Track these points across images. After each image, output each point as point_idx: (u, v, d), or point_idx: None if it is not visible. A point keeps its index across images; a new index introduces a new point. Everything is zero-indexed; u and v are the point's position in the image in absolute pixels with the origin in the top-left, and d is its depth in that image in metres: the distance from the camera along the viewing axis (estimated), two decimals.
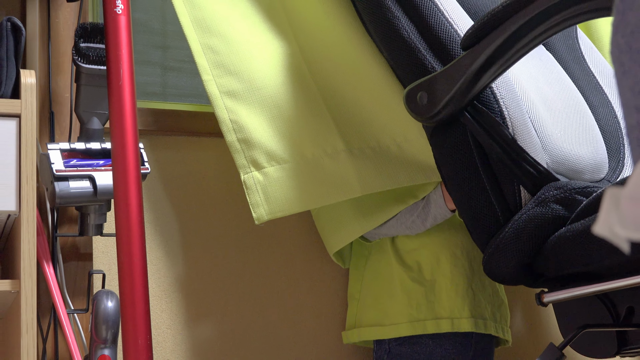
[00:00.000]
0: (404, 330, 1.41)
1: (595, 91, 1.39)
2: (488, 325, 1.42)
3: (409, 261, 1.44)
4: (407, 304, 1.42)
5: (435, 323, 1.40)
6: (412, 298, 1.42)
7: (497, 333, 1.44)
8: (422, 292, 1.42)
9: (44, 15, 1.49)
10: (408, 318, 1.42)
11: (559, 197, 1.08)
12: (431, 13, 1.20)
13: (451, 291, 1.40)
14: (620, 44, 0.47)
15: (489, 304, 1.44)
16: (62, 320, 1.29)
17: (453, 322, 1.39)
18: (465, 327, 1.38)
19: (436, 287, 1.42)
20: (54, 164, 1.27)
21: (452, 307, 1.40)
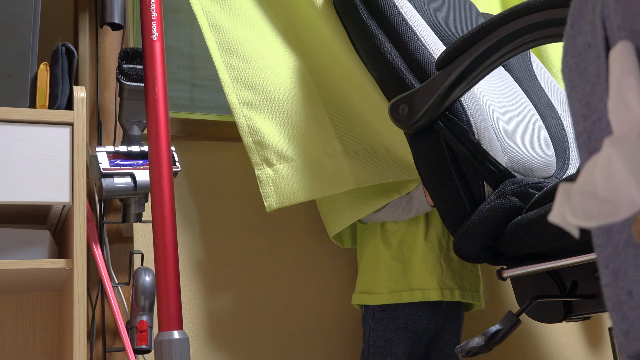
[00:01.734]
0: (385, 299, 1.42)
1: (545, 104, 1.39)
2: (455, 294, 1.40)
3: (392, 242, 1.44)
4: (388, 277, 1.42)
5: (410, 294, 1.39)
6: (392, 272, 1.42)
7: (464, 299, 1.43)
8: (401, 268, 1.42)
9: (93, 41, 1.48)
10: (388, 289, 1.42)
11: (515, 190, 1.09)
12: (411, 40, 1.20)
13: (423, 267, 1.40)
14: (570, 64, 0.48)
15: (457, 275, 1.42)
16: (108, 292, 1.28)
17: (424, 292, 1.38)
18: (434, 297, 1.37)
19: (411, 264, 1.41)
20: (101, 163, 1.27)
21: (423, 281, 1.39)
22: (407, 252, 1.43)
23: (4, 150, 1.09)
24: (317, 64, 1.42)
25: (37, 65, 1.18)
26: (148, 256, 1.44)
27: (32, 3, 1.16)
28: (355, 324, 1.62)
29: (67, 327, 1.17)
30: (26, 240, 1.13)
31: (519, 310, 1.13)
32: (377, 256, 1.46)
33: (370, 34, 1.25)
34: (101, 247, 1.38)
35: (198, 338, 1.47)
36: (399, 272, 1.42)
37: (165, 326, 1.13)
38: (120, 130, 1.46)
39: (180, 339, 1.12)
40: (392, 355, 1.40)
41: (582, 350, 1.84)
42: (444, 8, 1.39)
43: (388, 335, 1.41)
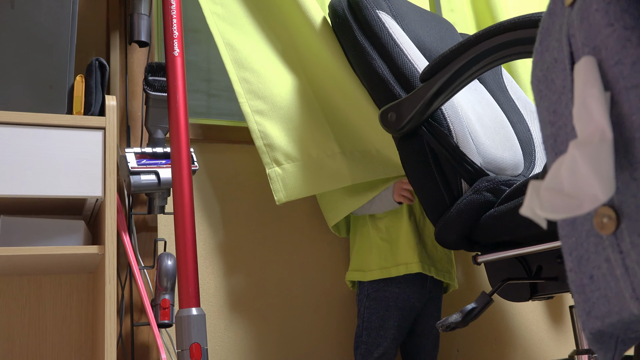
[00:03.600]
0: (376, 274, 1.42)
1: (514, 112, 1.38)
2: (431, 270, 1.41)
3: (380, 226, 1.44)
4: (378, 256, 1.43)
5: (396, 268, 1.39)
6: (381, 252, 1.43)
7: (438, 277, 1.43)
8: (388, 247, 1.42)
9: (123, 56, 1.48)
10: (378, 266, 1.42)
11: (489, 187, 1.09)
12: (398, 56, 1.21)
13: (406, 246, 1.40)
14: (539, 76, 0.47)
15: (431, 257, 1.43)
16: (135, 274, 1.28)
17: (407, 266, 1.38)
18: (415, 269, 1.37)
19: (397, 244, 1.41)
20: (130, 163, 1.27)
21: (406, 256, 1.39)
22: (394, 234, 1.43)
23: (46, 151, 1.09)
24: (316, 79, 1.43)
25: (74, 77, 1.17)
26: (170, 243, 1.44)
27: (70, 23, 1.16)
28: (348, 302, 1.62)
29: (99, 304, 1.17)
30: (64, 229, 1.13)
31: (491, 290, 1.13)
32: (368, 239, 1.46)
33: (363, 51, 1.25)
34: (129, 235, 1.38)
35: (214, 314, 1.47)
36: (387, 251, 1.42)
37: (184, 304, 1.13)
38: (146, 133, 1.46)
39: (198, 315, 1.12)
40: (384, 329, 1.40)
41: (545, 325, 1.84)
42: (427, 28, 1.39)
43: (381, 312, 1.41)
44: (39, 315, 1.29)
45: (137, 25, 1.43)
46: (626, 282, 0.37)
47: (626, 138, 0.37)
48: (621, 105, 0.38)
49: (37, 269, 1.22)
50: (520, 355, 1.78)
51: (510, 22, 0.94)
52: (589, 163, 0.36)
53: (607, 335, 0.42)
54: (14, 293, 1.28)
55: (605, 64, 0.39)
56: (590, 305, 0.41)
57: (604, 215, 0.39)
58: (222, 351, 1.46)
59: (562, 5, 0.46)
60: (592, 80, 0.39)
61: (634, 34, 0.37)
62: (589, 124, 0.38)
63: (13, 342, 1.26)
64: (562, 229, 0.45)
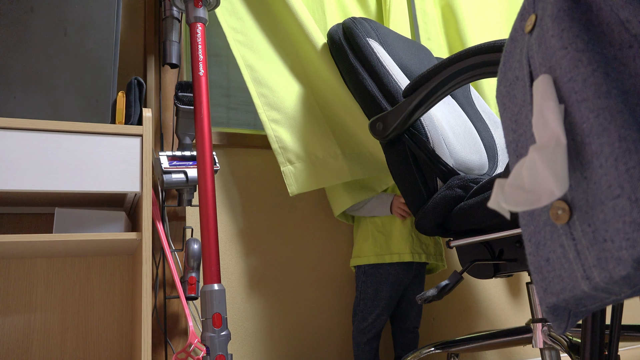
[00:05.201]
0: (372, 260, 1.42)
1: (480, 122, 1.37)
2: (422, 257, 1.41)
3: (377, 221, 1.44)
4: (374, 245, 1.43)
5: (390, 256, 1.40)
6: (377, 242, 1.42)
7: (429, 260, 1.42)
8: (383, 239, 1.42)
9: (157, 76, 1.48)
10: (374, 253, 1.42)
11: (459, 184, 1.08)
12: (384, 76, 1.20)
13: (399, 238, 1.40)
14: (503, 92, 0.47)
15: (424, 244, 1.43)
16: (167, 256, 1.28)
17: (400, 255, 1.39)
18: (407, 259, 1.38)
19: (391, 236, 1.41)
20: (163, 164, 1.27)
21: (399, 247, 1.39)
22: (389, 228, 1.43)
23: (94, 154, 1.09)
24: (319, 93, 1.43)
25: (117, 93, 1.17)
26: (196, 230, 1.44)
27: (113, 48, 1.15)
28: (346, 281, 1.61)
29: (137, 281, 1.16)
30: (109, 219, 1.13)
31: (462, 270, 1.13)
32: (367, 231, 1.46)
33: (355, 71, 1.25)
34: (162, 223, 1.38)
35: (233, 289, 1.47)
36: (383, 242, 1.42)
37: (208, 280, 1.12)
38: (176, 140, 1.46)
39: (219, 290, 1.12)
40: (377, 300, 1.40)
41: (506, 298, 1.84)
42: (409, 53, 1.39)
43: (375, 285, 1.41)
44: (87, 290, 1.28)
45: (169, 50, 1.43)
46: (578, 264, 0.37)
47: (578, 143, 0.37)
48: (573, 116, 0.37)
49: (86, 252, 1.22)
50: (484, 322, 1.77)
51: (477, 47, 0.93)
52: (546, 164, 0.36)
53: (561, 309, 0.41)
54: (67, 272, 1.27)
55: (559, 81, 0.38)
56: (546, 283, 0.41)
57: (558, 208, 0.38)
58: (239, 319, 1.45)
59: (523, 32, 0.45)
60: (549, 94, 0.38)
61: (585, 56, 0.37)
62: (546, 131, 0.37)
63: (66, 313, 1.25)
64: (523, 219, 0.44)
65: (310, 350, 1.51)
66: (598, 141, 0.34)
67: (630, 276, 0.32)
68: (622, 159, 0.32)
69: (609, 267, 0.33)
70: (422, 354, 1.19)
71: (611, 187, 0.33)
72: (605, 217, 0.33)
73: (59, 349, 1.22)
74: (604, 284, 0.34)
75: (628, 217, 0.31)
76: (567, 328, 0.42)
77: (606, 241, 0.33)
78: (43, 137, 1.06)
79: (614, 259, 0.33)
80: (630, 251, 0.31)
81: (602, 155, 0.34)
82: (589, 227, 0.35)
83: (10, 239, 1.01)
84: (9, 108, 1.06)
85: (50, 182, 1.04)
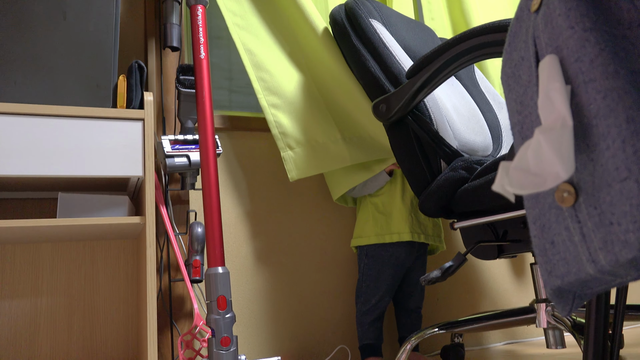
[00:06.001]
0: (373, 240, 1.42)
1: (484, 103, 1.36)
2: (421, 237, 1.41)
3: (378, 202, 1.43)
4: (374, 225, 1.43)
5: (390, 236, 1.39)
6: (377, 222, 1.42)
7: (427, 241, 1.42)
8: (384, 219, 1.42)
9: (158, 59, 1.47)
10: (375, 233, 1.42)
11: (463, 166, 1.08)
12: (388, 57, 1.19)
13: (399, 218, 1.39)
14: (508, 73, 0.46)
15: (423, 225, 1.42)
16: (171, 239, 1.28)
17: (400, 235, 1.38)
18: (406, 238, 1.38)
19: (392, 216, 1.41)
20: (165, 148, 1.27)
21: (399, 227, 1.39)
22: (389, 208, 1.42)
23: (96, 139, 1.09)
24: (319, 77, 1.42)
25: (118, 77, 1.16)
26: (200, 214, 1.44)
27: (113, 32, 1.14)
28: (347, 262, 1.62)
29: (142, 264, 1.17)
30: (112, 203, 1.13)
31: (466, 251, 1.13)
32: (367, 212, 1.46)
33: (358, 53, 1.24)
34: (166, 207, 1.38)
35: (237, 271, 1.47)
36: (383, 222, 1.42)
37: (212, 263, 1.13)
38: (178, 123, 1.46)
39: (223, 273, 1.12)
40: (379, 282, 1.41)
41: (509, 278, 1.84)
42: (412, 34, 1.37)
43: (377, 267, 1.41)
44: (92, 273, 1.29)
45: (169, 33, 1.41)
46: (583, 247, 0.36)
47: (584, 125, 0.36)
48: (580, 97, 0.36)
49: (90, 236, 1.22)
50: (488, 302, 1.78)
51: (482, 27, 0.92)
52: (552, 146, 0.35)
53: (565, 291, 0.41)
54: (72, 256, 1.28)
55: (566, 61, 0.38)
56: (551, 266, 0.40)
57: (564, 191, 0.38)
58: (244, 301, 1.46)
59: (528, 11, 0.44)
60: (555, 75, 0.37)
61: (592, 35, 0.36)
62: (552, 113, 0.36)
63: (72, 296, 1.26)
64: (527, 202, 0.44)
65: (315, 331, 1.52)
66: (605, 123, 0.34)
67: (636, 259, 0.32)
68: (630, 140, 0.32)
69: (615, 250, 0.33)
70: (426, 335, 1.19)
71: (618, 169, 0.32)
72: (612, 199, 0.33)
73: (66, 332, 1.24)
74: (610, 266, 0.34)
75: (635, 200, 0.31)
76: (571, 310, 0.42)
77: (612, 224, 0.33)
78: (44, 122, 1.05)
79: (621, 241, 0.32)
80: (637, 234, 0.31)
81: (609, 137, 0.33)
82: (595, 209, 0.35)
83: (15, 224, 1.01)
84: (10, 93, 1.05)
85: (52, 167, 1.04)
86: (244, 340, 1.43)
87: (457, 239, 1.79)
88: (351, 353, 1.54)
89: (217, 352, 1.07)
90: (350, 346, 1.54)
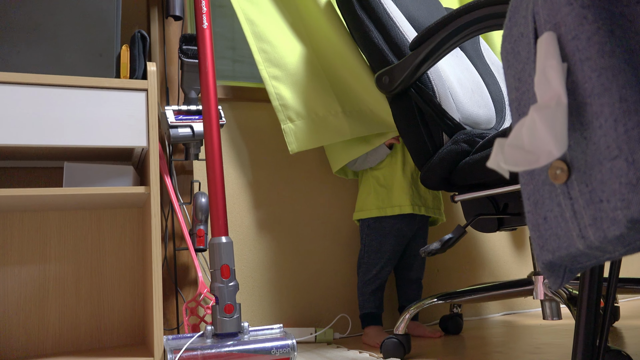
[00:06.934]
0: (374, 213, 1.43)
1: (489, 75, 1.35)
2: (422, 210, 1.42)
3: (379, 175, 1.44)
4: (376, 198, 1.43)
5: (391, 209, 1.40)
6: (379, 195, 1.43)
7: (427, 213, 1.43)
8: (385, 192, 1.42)
9: (161, 29, 1.46)
10: (376, 206, 1.43)
11: (465, 139, 1.08)
12: (392, 28, 1.18)
13: (400, 191, 1.40)
14: (508, 48, 0.46)
15: (423, 198, 1.43)
16: (175, 209, 1.30)
17: (401, 207, 1.39)
18: (407, 210, 1.39)
19: (392, 189, 1.41)
20: (169, 118, 1.27)
21: (399, 200, 1.40)
22: (390, 181, 1.43)
23: (100, 109, 1.09)
24: (321, 50, 1.41)
25: (120, 47, 1.16)
26: (203, 184, 1.45)
27: (116, 1, 1.13)
28: (352, 233, 1.63)
29: (147, 234, 1.18)
30: (117, 173, 1.14)
31: (466, 223, 1.14)
32: (369, 185, 1.47)
33: (362, 23, 1.22)
34: (170, 177, 1.39)
35: (240, 240, 1.49)
36: (384, 195, 1.43)
37: (216, 233, 1.14)
38: (182, 94, 1.45)
39: (227, 242, 1.14)
40: (381, 252, 1.42)
41: (509, 251, 1.86)
42: (417, 4, 1.35)
43: (379, 238, 1.43)
44: (99, 241, 1.31)
45: (172, 2, 1.40)
46: (574, 223, 0.37)
47: (579, 103, 0.36)
48: (576, 75, 0.36)
49: (96, 205, 1.24)
50: (488, 274, 1.80)
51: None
52: (546, 124, 0.35)
53: (556, 265, 0.41)
54: (79, 224, 1.30)
55: (563, 38, 0.38)
56: (543, 241, 0.41)
57: (557, 168, 0.38)
58: (247, 270, 1.48)
59: None
60: (552, 52, 0.38)
61: (590, 12, 0.36)
62: (547, 90, 0.37)
63: (79, 263, 1.28)
64: (522, 178, 0.44)
65: (316, 299, 1.55)
66: (599, 101, 0.34)
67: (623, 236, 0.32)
68: (621, 119, 0.32)
69: (604, 227, 0.33)
70: (425, 305, 1.21)
71: (609, 147, 0.33)
72: (603, 177, 0.34)
73: (74, 297, 1.26)
74: (599, 242, 0.34)
75: (624, 179, 0.31)
76: (562, 284, 0.43)
77: (602, 201, 0.34)
78: (48, 92, 1.05)
79: (609, 219, 0.33)
80: (625, 212, 0.31)
81: (602, 116, 0.34)
82: (587, 187, 0.35)
83: (22, 193, 1.02)
84: (14, 62, 1.05)
85: (57, 137, 1.05)
86: (246, 308, 1.46)
87: (458, 211, 1.80)
88: (352, 321, 1.56)
89: (221, 318, 1.10)
90: (351, 315, 1.57)
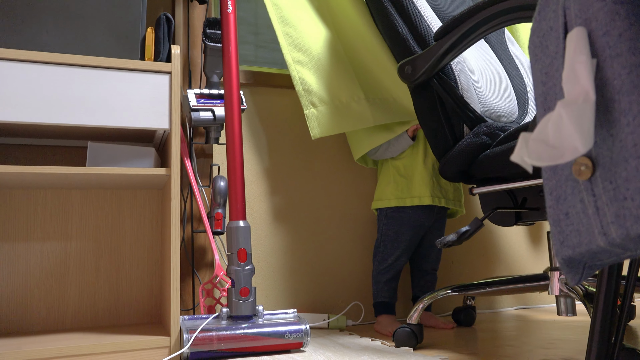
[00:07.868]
0: (393, 202, 1.43)
1: (512, 67, 1.33)
2: (442, 201, 1.41)
3: (399, 165, 1.43)
4: (395, 188, 1.43)
5: (410, 200, 1.40)
6: (398, 185, 1.43)
7: (448, 205, 1.43)
8: (405, 182, 1.42)
9: (186, 12, 1.46)
10: (395, 196, 1.43)
11: (486, 131, 1.07)
12: (416, 18, 1.17)
13: (420, 182, 1.40)
14: (536, 42, 0.46)
15: (444, 189, 1.43)
16: (195, 191, 1.31)
17: (420, 199, 1.39)
18: (427, 202, 1.39)
19: (413, 179, 1.41)
20: (191, 101, 1.28)
21: (420, 191, 1.40)
22: (410, 172, 1.43)
23: (125, 90, 1.10)
24: (345, 36, 1.40)
25: (146, 29, 1.17)
26: (223, 168, 1.46)
27: None
28: (368, 221, 1.63)
29: (166, 215, 1.20)
30: (139, 154, 1.15)
31: (483, 216, 1.13)
32: (389, 175, 1.47)
33: (387, 12, 1.22)
34: (190, 160, 1.40)
35: (257, 225, 1.50)
36: (404, 185, 1.43)
37: (234, 217, 1.15)
38: (204, 77, 1.46)
39: (244, 226, 1.15)
40: (397, 242, 1.43)
41: (525, 245, 1.85)
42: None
43: (396, 228, 1.43)
44: (119, 220, 1.33)
45: None
46: (596, 220, 0.37)
47: (607, 100, 0.36)
48: (605, 71, 0.36)
49: (118, 185, 1.26)
50: (503, 268, 1.80)
51: None
52: (572, 120, 0.35)
53: (576, 262, 0.41)
54: (100, 203, 1.32)
55: (594, 34, 0.37)
56: (564, 236, 0.41)
57: (581, 164, 0.38)
58: (263, 255, 1.50)
59: None
60: (582, 48, 0.37)
61: (623, 8, 0.35)
62: (575, 86, 0.36)
63: (100, 241, 1.31)
64: (545, 173, 0.44)
65: (330, 286, 1.56)
66: (627, 99, 0.34)
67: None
68: None
69: (627, 225, 0.33)
70: (439, 295, 1.22)
71: (636, 145, 0.33)
72: (628, 175, 0.33)
73: (93, 274, 1.29)
74: (620, 240, 0.34)
75: None
76: (581, 280, 0.43)
77: (626, 199, 0.34)
78: (74, 72, 1.07)
79: (633, 216, 0.33)
80: None
81: (630, 113, 0.33)
82: (611, 184, 0.35)
83: (46, 171, 1.05)
84: (41, 42, 1.07)
85: (81, 116, 1.06)
86: (261, 292, 1.48)
87: (476, 203, 1.79)
88: (365, 309, 1.58)
89: (237, 301, 1.12)
90: (364, 303, 1.58)
